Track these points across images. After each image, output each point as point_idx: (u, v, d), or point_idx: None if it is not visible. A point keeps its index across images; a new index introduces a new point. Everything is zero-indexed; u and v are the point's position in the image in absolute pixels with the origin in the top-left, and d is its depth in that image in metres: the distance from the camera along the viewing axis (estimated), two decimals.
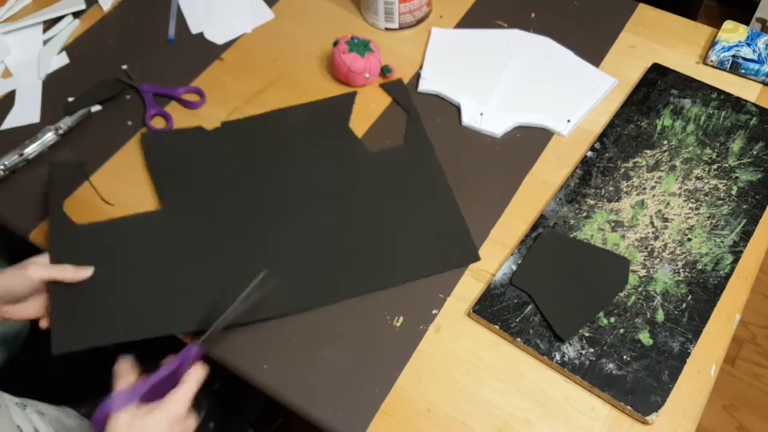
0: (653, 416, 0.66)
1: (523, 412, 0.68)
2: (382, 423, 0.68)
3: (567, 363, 0.69)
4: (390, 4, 0.96)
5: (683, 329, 0.70)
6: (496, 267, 0.77)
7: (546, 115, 0.89)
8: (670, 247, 0.76)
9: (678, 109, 0.87)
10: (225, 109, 0.92)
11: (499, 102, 0.90)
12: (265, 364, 0.71)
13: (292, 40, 1.00)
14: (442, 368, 0.71)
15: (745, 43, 0.92)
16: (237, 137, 0.86)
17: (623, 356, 0.69)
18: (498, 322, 0.72)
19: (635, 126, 0.86)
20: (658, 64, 0.92)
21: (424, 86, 0.93)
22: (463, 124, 0.89)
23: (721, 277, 0.74)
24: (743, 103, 0.87)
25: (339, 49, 0.91)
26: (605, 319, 0.71)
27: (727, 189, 0.80)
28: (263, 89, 0.94)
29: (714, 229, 0.77)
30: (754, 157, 0.83)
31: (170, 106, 0.92)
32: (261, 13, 1.03)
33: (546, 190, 0.83)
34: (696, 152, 0.84)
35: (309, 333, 0.73)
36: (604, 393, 0.67)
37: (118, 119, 0.91)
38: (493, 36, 0.98)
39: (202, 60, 0.97)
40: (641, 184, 0.81)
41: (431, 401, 0.69)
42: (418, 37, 0.99)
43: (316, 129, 0.87)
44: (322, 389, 0.70)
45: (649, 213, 0.79)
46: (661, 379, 0.67)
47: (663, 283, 0.73)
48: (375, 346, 0.72)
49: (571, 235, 0.78)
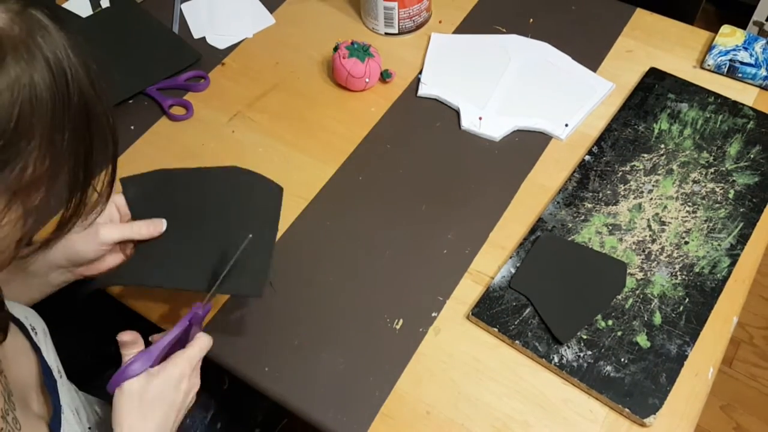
0: (651, 418, 0.66)
1: (522, 415, 0.68)
2: (382, 425, 0.68)
3: (565, 365, 0.69)
4: (390, 9, 0.96)
5: (681, 332, 0.71)
6: (494, 270, 0.77)
7: (544, 119, 0.90)
8: (668, 251, 0.77)
9: (675, 113, 0.88)
10: (227, 113, 0.93)
11: (498, 106, 0.91)
12: (266, 366, 0.72)
13: (292, 45, 1.01)
14: (441, 371, 0.71)
15: (742, 47, 0.93)
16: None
17: (621, 359, 0.69)
18: (497, 325, 0.72)
19: (633, 130, 0.87)
20: (655, 69, 0.93)
21: (423, 91, 0.93)
22: (462, 128, 0.90)
23: (718, 280, 0.74)
24: (740, 107, 0.88)
25: (339, 54, 0.92)
26: (603, 322, 0.72)
27: (724, 192, 0.81)
28: (264, 93, 0.95)
29: (711, 233, 0.78)
30: (750, 160, 0.83)
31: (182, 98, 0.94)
32: (262, 18, 1.04)
33: (544, 193, 0.84)
34: (693, 156, 0.84)
35: (309, 336, 0.74)
36: (602, 395, 0.68)
37: (121, 124, 0.92)
38: (492, 41, 0.99)
39: (205, 64, 0.98)
40: (639, 187, 0.82)
41: (431, 403, 0.69)
42: (418, 42, 1.00)
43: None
44: (322, 391, 0.70)
45: (646, 216, 0.80)
46: (658, 381, 0.68)
47: (660, 286, 0.74)
48: (375, 349, 0.73)
49: (569, 238, 0.78)
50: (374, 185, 0.85)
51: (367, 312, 0.75)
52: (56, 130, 0.42)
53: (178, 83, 0.96)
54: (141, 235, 0.70)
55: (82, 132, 0.44)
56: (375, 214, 0.83)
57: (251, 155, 0.89)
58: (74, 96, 0.43)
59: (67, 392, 0.64)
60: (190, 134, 0.91)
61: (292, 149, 0.89)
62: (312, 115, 0.93)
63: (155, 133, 0.92)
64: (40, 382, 0.61)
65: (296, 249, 0.80)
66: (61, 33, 0.43)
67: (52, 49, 0.42)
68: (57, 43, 0.42)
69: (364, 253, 0.80)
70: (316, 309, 0.76)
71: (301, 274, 0.78)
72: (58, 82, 0.42)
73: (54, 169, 0.44)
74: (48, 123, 0.41)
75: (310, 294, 0.77)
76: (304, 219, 0.83)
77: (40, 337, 0.63)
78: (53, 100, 0.41)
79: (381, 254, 0.79)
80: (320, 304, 0.76)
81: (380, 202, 0.84)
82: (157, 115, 0.93)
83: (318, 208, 0.84)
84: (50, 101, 0.41)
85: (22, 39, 0.40)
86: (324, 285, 0.77)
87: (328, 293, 0.77)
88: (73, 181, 0.46)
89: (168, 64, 0.97)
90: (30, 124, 0.40)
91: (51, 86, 0.41)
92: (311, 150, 0.89)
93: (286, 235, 0.81)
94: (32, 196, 0.44)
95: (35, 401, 0.60)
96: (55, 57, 0.42)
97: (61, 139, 0.43)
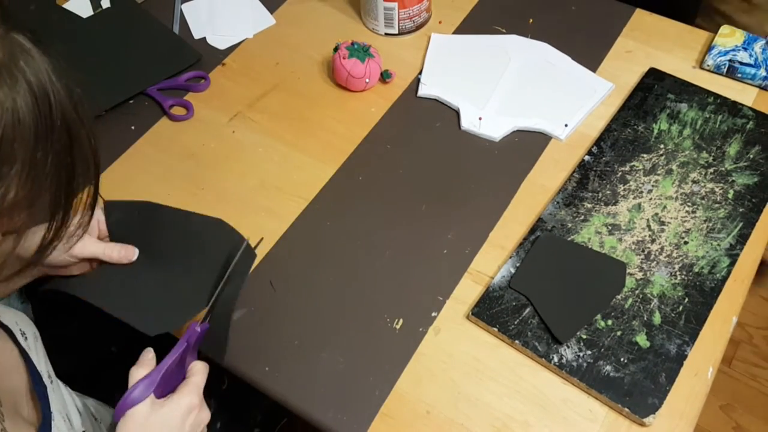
0: (651, 418, 0.66)
1: (522, 414, 0.68)
2: (382, 425, 0.68)
3: (565, 365, 0.69)
4: (390, 9, 0.97)
5: (680, 332, 0.71)
6: (494, 270, 0.78)
7: (544, 119, 0.90)
8: (667, 251, 0.77)
9: (675, 113, 0.88)
10: (227, 114, 0.93)
11: (498, 106, 0.91)
12: (267, 366, 0.72)
13: (292, 45, 1.01)
14: (441, 370, 0.71)
15: (741, 47, 0.93)
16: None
17: (621, 358, 0.70)
18: (496, 325, 0.72)
19: (632, 130, 0.87)
20: (654, 69, 0.93)
21: (423, 91, 0.93)
22: (462, 129, 0.90)
23: (717, 280, 0.74)
24: (740, 107, 0.88)
25: (339, 55, 0.92)
26: (603, 322, 0.72)
27: (723, 192, 0.81)
28: (264, 94, 0.95)
29: (710, 233, 0.78)
30: (750, 160, 0.83)
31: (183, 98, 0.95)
32: (262, 18, 1.04)
33: (544, 193, 0.84)
34: (692, 156, 0.84)
35: (309, 335, 0.74)
36: (601, 395, 0.68)
37: (121, 124, 0.92)
38: (492, 41, 0.99)
39: (205, 65, 0.98)
40: (638, 187, 0.82)
41: (431, 403, 0.70)
42: (418, 42, 1.00)
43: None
44: (322, 391, 0.70)
45: (645, 216, 0.80)
46: (658, 381, 0.68)
47: (660, 286, 0.74)
48: (375, 349, 0.73)
49: (568, 238, 0.78)
50: (374, 185, 0.85)
51: (367, 312, 0.75)
52: (39, 154, 0.42)
53: (178, 83, 0.96)
54: (111, 258, 0.70)
55: (65, 156, 0.44)
56: (375, 214, 0.83)
57: (251, 155, 0.89)
58: (57, 120, 0.43)
59: (59, 398, 0.63)
60: (191, 134, 0.91)
61: (292, 149, 0.89)
62: (312, 115, 0.93)
63: (156, 133, 0.92)
64: (30, 389, 0.61)
65: (296, 249, 0.80)
66: (44, 57, 0.42)
67: (35, 73, 0.41)
68: (40, 67, 0.42)
69: (364, 253, 0.80)
70: (316, 309, 0.76)
71: (301, 273, 0.78)
72: (41, 106, 0.41)
73: (36, 193, 0.43)
74: (30, 147, 0.41)
75: (310, 294, 0.77)
76: (304, 219, 0.83)
77: (30, 342, 0.63)
78: (36, 124, 0.41)
79: (381, 254, 0.79)
80: (320, 304, 0.76)
81: (380, 202, 0.84)
82: (158, 115, 0.94)
83: (318, 208, 0.84)
84: (33, 125, 0.41)
85: (4, 63, 0.40)
86: (324, 285, 0.77)
87: (328, 293, 0.77)
88: (54, 204, 0.46)
89: (168, 65, 0.97)
90: (12, 148, 0.40)
91: (34, 110, 0.41)
92: (311, 150, 0.89)
93: (286, 235, 0.82)
94: (14, 219, 0.44)
95: (25, 408, 0.59)
96: (38, 81, 0.41)
97: (43, 163, 0.42)
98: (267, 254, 0.80)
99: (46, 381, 0.62)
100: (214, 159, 0.89)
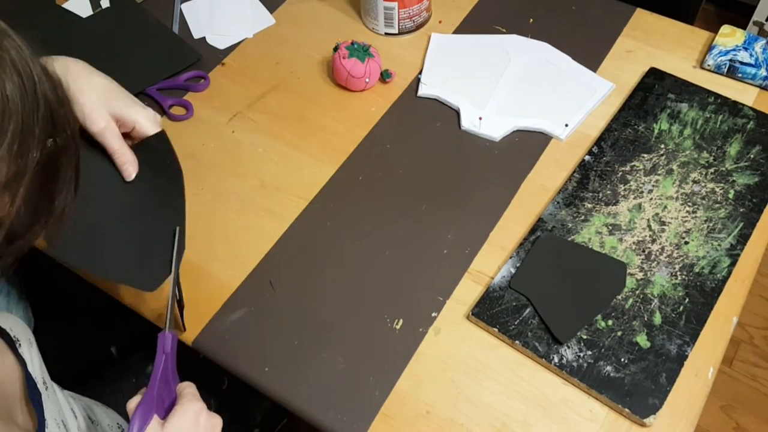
0: (651, 419, 0.66)
1: (522, 415, 0.68)
2: (382, 425, 0.68)
3: (565, 365, 0.69)
4: (390, 9, 0.96)
5: (681, 332, 0.71)
6: (494, 270, 0.77)
7: (544, 119, 0.90)
8: (668, 251, 0.77)
9: (675, 113, 0.88)
10: (227, 114, 0.93)
11: (498, 106, 0.91)
12: (267, 366, 0.72)
13: (292, 45, 1.01)
14: (441, 371, 0.71)
15: (742, 47, 0.93)
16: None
17: (621, 359, 0.69)
18: (497, 325, 0.72)
19: (633, 130, 0.87)
20: (655, 69, 0.93)
21: (423, 91, 0.93)
22: (462, 128, 0.90)
23: (718, 280, 0.74)
24: (740, 107, 0.88)
25: (339, 54, 0.92)
26: (603, 322, 0.72)
27: (724, 192, 0.81)
28: (264, 94, 0.95)
29: (711, 233, 0.78)
30: (751, 160, 0.83)
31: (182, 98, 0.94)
32: (262, 18, 1.04)
33: (544, 193, 0.84)
34: (693, 156, 0.84)
35: (309, 335, 0.74)
36: (602, 395, 0.68)
37: None
38: (492, 41, 0.99)
39: (205, 64, 0.98)
40: (638, 187, 0.82)
41: (431, 403, 0.69)
42: (418, 42, 1.00)
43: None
44: (322, 391, 0.70)
45: (646, 216, 0.80)
46: (658, 381, 0.68)
47: (660, 286, 0.74)
48: (375, 349, 0.73)
49: (569, 238, 0.78)
50: (374, 185, 0.85)
51: (367, 312, 0.75)
52: (26, 131, 0.43)
53: (178, 83, 0.96)
54: (119, 160, 0.71)
55: (47, 136, 0.45)
56: (375, 214, 0.83)
57: (251, 155, 0.89)
58: (40, 99, 0.44)
59: (54, 404, 0.63)
60: (190, 134, 0.91)
61: (292, 149, 0.89)
62: (312, 115, 0.93)
63: None
64: (25, 395, 0.61)
65: (296, 249, 0.80)
66: (22, 40, 0.44)
67: (18, 54, 0.42)
68: (21, 48, 0.43)
69: (364, 253, 0.80)
70: (316, 309, 0.76)
71: (301, 273, 0.78)
72: (27, 85, 0.42)
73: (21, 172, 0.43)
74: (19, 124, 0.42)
75: (310, 294, 0.77)
76: (304, 219, 0.83)
77: (25, 348, 0.63)
78: (23, 102, 0.42)
79: (381, 254, 0.79)
80: (320, 304, 0.76)
81: (380, 202, 0.84)
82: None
83: (318, 208, 0.84)
84: (20, 103, 0.42)
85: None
86: (324, 285, 0.77)
87: (328, 293, 0.77)
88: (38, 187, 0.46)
89: (168, 64, 0.97)
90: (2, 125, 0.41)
91: (20, 88, 0.42)
92: (311, 150, 0.89)
93: (286, 235, 0.81)
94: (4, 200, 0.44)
95: (20, 415, 0.59)
96: (22, 61, 0.42)
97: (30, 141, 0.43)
98: (267, 254, 0.80)
99: (41, 387, 0.61)
100: (214, 159, 0.89)
